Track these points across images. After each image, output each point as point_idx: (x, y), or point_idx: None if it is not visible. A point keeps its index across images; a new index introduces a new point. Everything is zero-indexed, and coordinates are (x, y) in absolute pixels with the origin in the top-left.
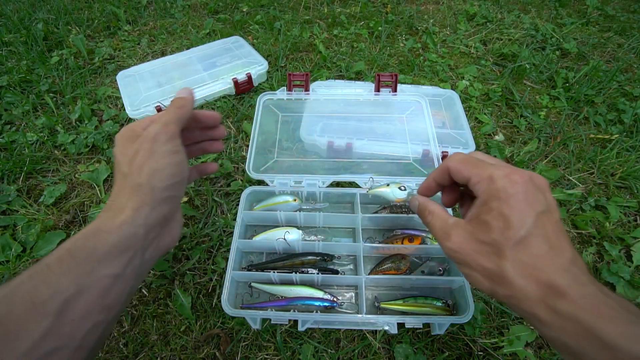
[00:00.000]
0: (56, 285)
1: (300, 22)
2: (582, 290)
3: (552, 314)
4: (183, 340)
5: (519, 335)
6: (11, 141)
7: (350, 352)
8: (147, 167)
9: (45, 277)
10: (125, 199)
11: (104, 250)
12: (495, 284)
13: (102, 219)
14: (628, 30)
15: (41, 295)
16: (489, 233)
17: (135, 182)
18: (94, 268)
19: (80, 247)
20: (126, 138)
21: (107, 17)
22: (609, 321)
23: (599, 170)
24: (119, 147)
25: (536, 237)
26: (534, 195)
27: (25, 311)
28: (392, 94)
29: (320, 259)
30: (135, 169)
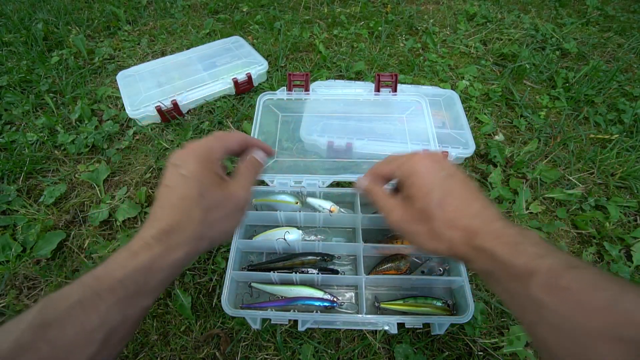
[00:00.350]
0: (105, 315)
1: (300, 22)
2: (490, 227)
3: (472, 250)
4: (183, 340)
5: (519, 335)
6: (11, 141)
7: (350, 352)
8: (220, 226)
9: (96, 305)
10: (184, 241)
11: (151, 285)
12: (435, 241)
13: (156, 255)
14: (628, 30)
15: (91, 323)
16: (415, 203)
17: (201, 234)
18: (139, 301)
19: (133, 282)
20: (209, 170)
21: (107, 17)
22: (504, 245)
23: (599, 170)
24: (199, 175)
25: (448, 196)
26: (434, 166)
27: (75, 336)
28: (392, 94)
29: (320, 259)
30: (209, 220)
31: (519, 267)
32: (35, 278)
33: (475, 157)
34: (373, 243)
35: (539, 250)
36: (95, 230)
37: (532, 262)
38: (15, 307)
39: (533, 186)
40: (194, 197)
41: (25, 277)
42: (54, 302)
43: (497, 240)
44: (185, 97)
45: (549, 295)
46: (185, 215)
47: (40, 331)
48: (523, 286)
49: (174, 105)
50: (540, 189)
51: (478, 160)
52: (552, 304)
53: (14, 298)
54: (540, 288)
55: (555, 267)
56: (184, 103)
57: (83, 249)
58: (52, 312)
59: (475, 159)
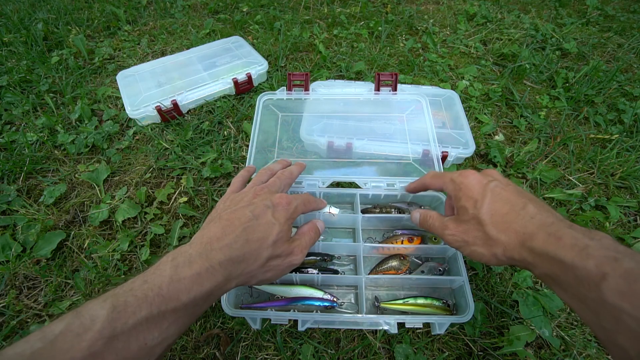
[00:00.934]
0: (166, 332)
1: (300, 22)
2: (548, 229)
3: (530, 253)
4: (183, 340)
5: (518, 335)
6: (11, 141)
7: (350, 352)
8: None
9: (160, 323)
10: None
11: (205, 308)
12: (491, 247)
13: (219, 283)
14: (628, 30)
15: (153, 339)
16: (467, 213)
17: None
18: (192, 320)
19: (194, 304)
20: (288, 227)
21: (107, 17)
22: (569, 248)
23: (599, 170)
24: (283, 226)
25: (497, 202)
26: (476, 177)
27: (138, 350)
28: (392, 93)
29: (320, 259)
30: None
31: (590, 271)
32: (35, 278)
33: (475, 157)
34: (373, 243)
35: (609, 252)
36: (95, 230)
37: (604, 266)
38: (15, 307)
39: (533, 186)
40: (269, 242)
41: (25, 277)
42: (122, 315)
43: (558, 242)
44: (185, 97)
45: (628, 300)
46: (255, 254)
47: (109, 342)
48: (595, 291)
49: (173, 105)
50: (541, 189)
51: (478, 160)
52: (632, 309)
53: (14, 298)
54: (615, 293)
55: (631, 271)
56: (184, 103)
57: (83, 249)
58: (121, 326)
59: (475, 159)
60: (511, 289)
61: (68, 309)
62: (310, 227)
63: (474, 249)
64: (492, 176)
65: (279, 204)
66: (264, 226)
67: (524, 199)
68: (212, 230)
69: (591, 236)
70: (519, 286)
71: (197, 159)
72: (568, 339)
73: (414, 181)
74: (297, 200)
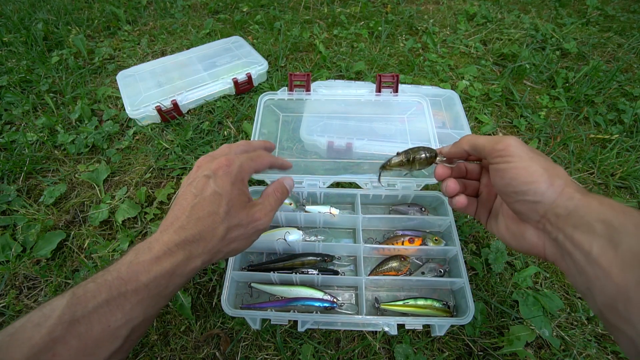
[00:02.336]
0: (129, 314)
1: (300, 22)
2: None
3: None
4: (183, 340)
5: (518, 335)
6: (11, 141)
7: (350, 352)
8: (237, 244)
9: (122, 305)
10: (203, 251)
11: (171, 289)
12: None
13: (179, 262)
14: (628, 30)
15: (117, 321)
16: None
17: (220, 248)
18: (159, 302)
19: (156, 285)
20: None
21: (107, 17)
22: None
23: (599, 170)
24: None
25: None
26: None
27: (101, 332)
28: (393, 94)
29: (321, 260)
30: (229, 237)
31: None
32: (35, 278)
33: None
34: (373, 244)
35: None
36: (95, 230)
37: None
38: (15, 307)
39: None
40: (221, 214)
41: (25, 277)
42: (81, 300)
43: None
44: (185, 97)
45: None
46: (210, 230)
47: (70, 326)
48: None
49: (173, 105)
50: None
51: None
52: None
53: (14, 298)
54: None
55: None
56: (184, 103)
57: (83, 249)
58: (81, 310)
59: None
60: (511, 289)
61: None
62: (276, 187)
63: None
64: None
65: (218, 169)
66: (209, 199)
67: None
68: (170, 214)
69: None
70: (519, 286)
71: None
72: (568, 339)
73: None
74: (241, 158)
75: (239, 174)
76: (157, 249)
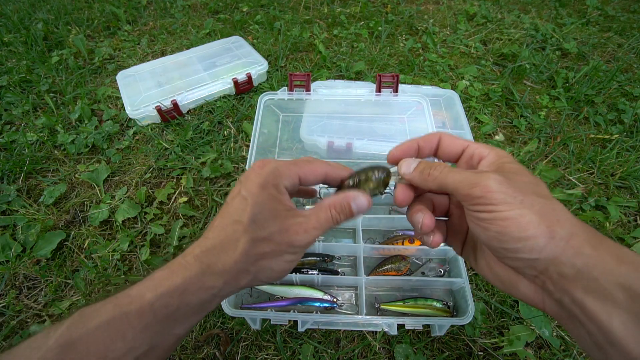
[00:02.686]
0: (132, 342)
1: (300, 22)
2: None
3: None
4: (183, 340)
5: (519, 335)
6: (11, 141)
7: (350, 352)
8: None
9: (123, 330)
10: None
11: (184, 312)
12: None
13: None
14: (628, 30)
15: (116, 350)
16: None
17: (244, 266)
18: (169, 327)
19: (163, 304)
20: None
21: (107, 17)
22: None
23: (599, 170)
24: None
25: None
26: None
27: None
28: (394, 94)
29: (321, 260)
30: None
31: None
32: (35, 278)
33: None
34: (373, 244)
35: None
36: (95, 230)
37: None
38: (15, 307)
39: None
40: (244, 222)
41: (25, 277)
42: (83, 319)
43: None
44: (185, 97)
45: None
46: (231, 240)
47: (63, 352)
48: None
49: (173, 105)
50: None
51: None
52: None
53: (14, 298)
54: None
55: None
56: (184, 103)
57: (83, 249)
58: (79, 331)
59: None
60: None
61: (68, 309)
62: (334, 202)
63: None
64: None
65: (250, 172)
66: (235, 205)
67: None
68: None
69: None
70: None
71: (197, 159)
72: (568, 339)
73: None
74: (279, 161)
75: (271, 177)
76: (175, 264)
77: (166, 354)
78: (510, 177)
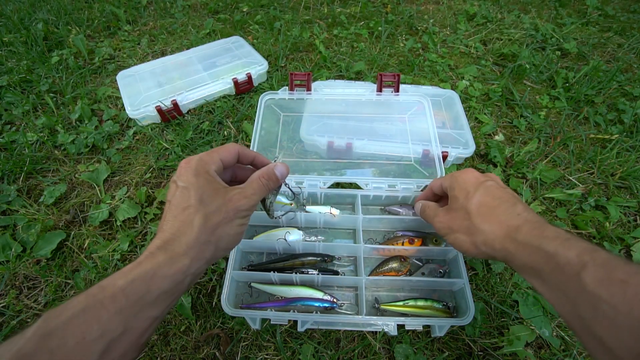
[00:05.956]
0: (106, 324)
1: (300, 22)
2: (531, 225)
3: (514, 243)
4: (183, 340)
5: (518, 335)
6: (11, 141)
7: (350, 352)
8: (222, 230)
9: (97, 314)
10: (187, 247)
11: (156, 294)
12: (472, 236)
13: (160, 262)
14: (628, 30)
15: (92, 333)
16: (458, 202)
17: (205, 238)
18: (142, 310)
19: (135, 289)
20: (205, 180)
21: (107, 17)
22: (552, 240)
23: (599, 170)
24: (195, 184)
25: (488, 196)
26: (474, 174)
27: (75, 346)
28: (394, 94)
29: (321, 260)
30: (210, 225)
31: (571, 259)
32: (35, 278)
33: (475, 157)
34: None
35: (589, 245)
36: (95, 230)
37: (585, 255)
38: (15, 307)
39: (533, 186)
40: (193, 204)
41: (25, 277)
42: (57, 312)
43: (542, 235)
44: (185, 97)
45: (606, 288)
46: (186, 223)
47: (42, 340)
48: (575, 280)
49: (174, 105)
50: (540, 189)
51: (478, 160)
52: (610, 297)
53: (14, 298)
54: (595, 281)
55: (610, 261)
56: (184, 103)
57: (83, 249)
58: (55, 321)
59: (475, 159)
60: (511, 289)
61: None
62: (262, 173)
63: (457, 236)
64: (490, 177)
65: (179, 171)
66: (179, 196)
67: (515, 199)
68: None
69: (570, 234)
70: (519, 286)
71: None
72: (568, 339)
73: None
74: (200, 154)
75: (199, 166)
76: (141, 257)
77: (141, 337)
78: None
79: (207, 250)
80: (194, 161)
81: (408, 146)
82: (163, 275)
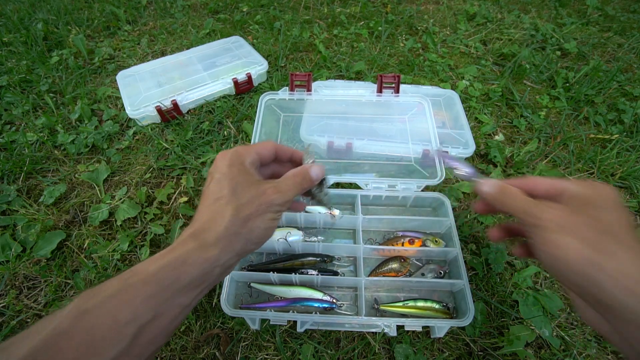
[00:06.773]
0: (138, 308)
1: (300, 22)
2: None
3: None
4: (183, 340)
5: (519, 335)
6: (11, 141)
7: (350, 352)
8: (253, 223)
9: (129, 298)
10: (217, 237)
11: (186, 282)
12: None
13: (190, 250)
14: (628, 30)
15: (124, 316)
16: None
17: (235, 230)
18: (173, 297)
19: (166, 275)
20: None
21: (107, 17)
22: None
23: (599, 170)
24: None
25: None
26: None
27: (109, 327)
28: (394, 95)
29: (320, 260)
30: (241, 216)
31: None
32: (35, 278)
33: (475, 157)
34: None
35: None
36: (95, 230)
37: None
38: (15, 307)
39: None
40: (225, 195)
41: (25, 277)
42: (93, 292)
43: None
44: (185, 97)
45: None
46: (218, 213)
47: (77, 319)
48: None
49: (173, 105)
50: None
51: (478, 160)
52: None
53: (14, 298)
54: None
55: None
56: (184, 103)
57: (83, 249)
58: (91, 302)
59: (475, 159)
60: (511, 289)
61: None
62: (296, 172)
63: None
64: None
65: (216, 161)
66: (213, 187)
67: None
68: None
69: None
70: (519, 286)
71: (197, 159)
72: (568, 339)
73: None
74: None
75: (234, 157)
76: (173, 244)
77: (171, 324)
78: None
79: (237, 242)
80: (229, 153)
81: (408, 146)
82: (192, 262)
